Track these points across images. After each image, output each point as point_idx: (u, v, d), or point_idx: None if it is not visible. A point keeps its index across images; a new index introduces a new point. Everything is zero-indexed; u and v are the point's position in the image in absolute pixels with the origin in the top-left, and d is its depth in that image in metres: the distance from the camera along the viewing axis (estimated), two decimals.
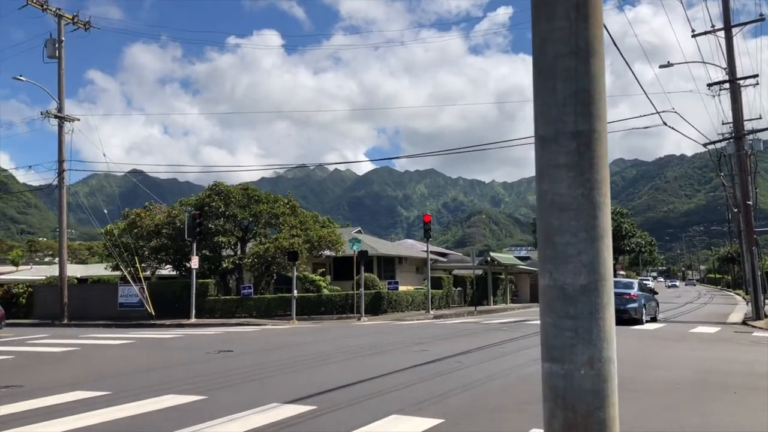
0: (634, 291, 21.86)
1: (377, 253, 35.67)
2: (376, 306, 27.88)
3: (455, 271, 44.01)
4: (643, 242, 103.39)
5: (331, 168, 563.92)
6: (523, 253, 73.40)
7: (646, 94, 17.28)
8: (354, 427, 6.48)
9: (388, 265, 37.95)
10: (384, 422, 6.70)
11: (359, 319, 24.92)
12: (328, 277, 32.78)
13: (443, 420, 6.71)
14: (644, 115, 20.89)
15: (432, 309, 29.47)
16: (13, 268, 62.80)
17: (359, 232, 43.94)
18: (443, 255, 53.28)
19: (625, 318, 20.21)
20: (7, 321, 22.15)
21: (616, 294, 16.17)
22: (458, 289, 38.04)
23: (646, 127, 22.33)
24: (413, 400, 7.85)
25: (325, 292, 29.72)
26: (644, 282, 34.72)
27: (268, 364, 11.89)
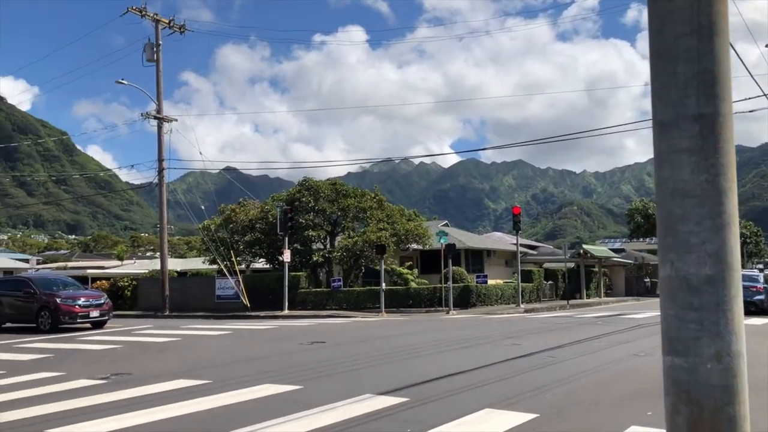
0: (761, 284, 21.22)
1: (465, 246, 35.41)
2: (465, 299, 27.68)
3: (546, 264, 43.09)
4: (748, 233, 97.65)
5: (417, 161, 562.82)
6: (617, 246, 70.86)
7: (751, 75, 16.27)
8: (447, 419, 6.46)
9: (476, 258, 37.60)
10: (477, 416, 6.64)
11: (448, 313, 24.83)
12: (416, 271, 32.83)
13: (537, 415, 6.58)
14: (748, 98, 19.68)
15: (522, 303, 28.97)
16: (118, 263, 66.59)
17: (446, 225, 43.76)
18: (533, 248, 52.30)
19: (752, 310, 19.72)
20: (114, 312, 23.44)
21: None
22: (549, 282, 37.23)
23: (750, 111, 21.04)
24: (505, 395, 7.74)
25: (413, 285, 29.79)
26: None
27: (359, 356, 12.04)
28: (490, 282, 30.09)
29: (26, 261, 62.34)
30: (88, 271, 50.90)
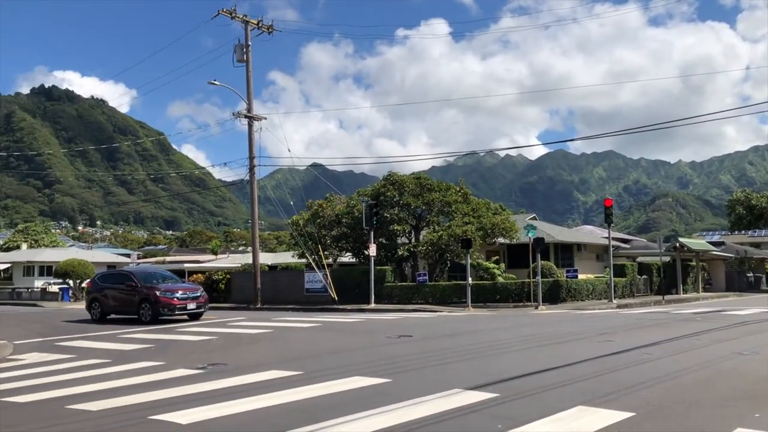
0: None
1: (554, 240, 34.63)
2: (554, 294, 27.09)
3: (639, 258, 41.53)
4: None
5: (502, 154, 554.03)
6: (716, 238, 67.29)
7: None
8: (538, 416, 6.35)
9: (565, 253, 36.70)
10: (569, 413, 6.49)
11: (536, 308, 24.37)
12: (503, 265, 32.41)
13: (633, 413, 6.36)
14: None
15: (615, 298, 28.04)
16: (213, 257, 69.23)
17: (534, 218, 42.93)
18: (625, 241, 50.47)
19: None
20: (209, 305, 24.36)
21: None
22: (643, 277, 35.88)
23: None
24: (599, 392, 7.52)
25: (500, 279, 29.41)
26: None
27: (447, 350, 12.00)
28: (581, 277, 29.31)
29: (128, 256, 65.76)
30: (185, 265, 53.21)
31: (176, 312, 21.49)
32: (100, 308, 23.03)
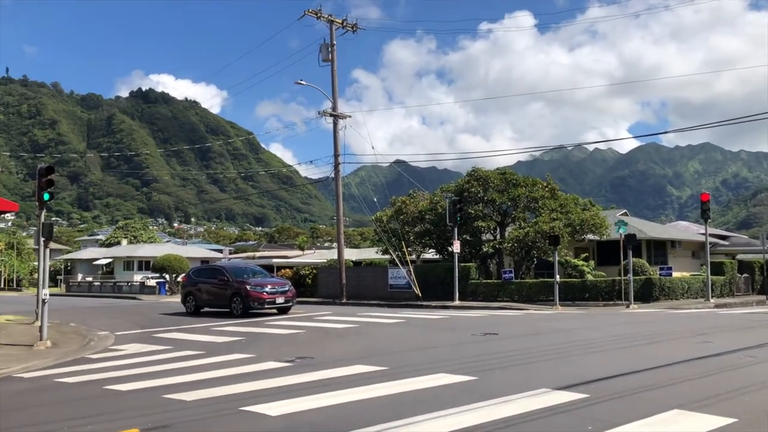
0: None
1: (646, 237, 33.32)
2: (647, 293, 26.06)
3: (739, 256, 39.35)
4: None
5: (591, 148, 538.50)
6: None
7: None
8: (631, 419, 6.12)
9: (658, 250, 35.24)
10: (664, 417, 6.22)
11: (628, 307, 23.52)
12: (592, 262, 31.46)
13: (735, 419, 6.02)
14: None
15: (712, 297, 26.68)
16: (300, 252, 70.87)
17: (625, 214, 41.41)
18: (723, 237, 47.96)
19: None
20: (297, 299, 24.89)
21: None
22: (744, 275, 33.95)
23: None
24: (697, 396, 7.17)
25: (589, 277, 28.57)
26: None
27: (533, 349, 11.77)
28: (675, 275, 28.08)
29: (220, 251, 68.28)
30: (273, 260, 54.71)
31: (266, 306, 22.06)
32: (194, 302, 24.00)
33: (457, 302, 26.69)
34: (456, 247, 27.70)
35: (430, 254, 35.72)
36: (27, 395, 8.94)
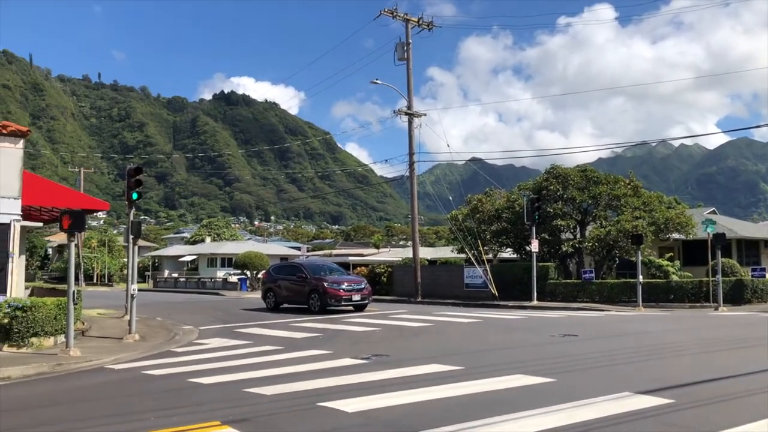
0: None
1: (736, 236, 31.72)
2: (737, 295, 24.79)
3: None
4: None
5: (676, 143, 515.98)
6: None
7: None
8: (720, 427, 5.83)
9: (750, 250, 33.47)
10: (758, 425, 5.90)
11: (716, 309, 22.44)
12: (677, 262, 30.21)
13: None
14: None
15: None
16: (375, 250, 71.35)
17: (713, 212, 39.60)
18: None
19: None
20: (372, 297, 25.04)
21: None
22: None
23: None
24: None
25: (674, 278, 27.45)
26: None
27: (615, 351, 11.41)
28: None
29: (298, 249, 69.54)
30: (349, 258, 55.33)
31: (342, 303, 22.34)
32: (273, 298, 24.58)
33: (535, 302, 26.21)
34: (534, 246, 27.20)
35: (507, 253, 35.20)
36: (116, 386, 9.39)
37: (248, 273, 50.84)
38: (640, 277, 24.23)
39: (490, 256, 33.53)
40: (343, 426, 6.30)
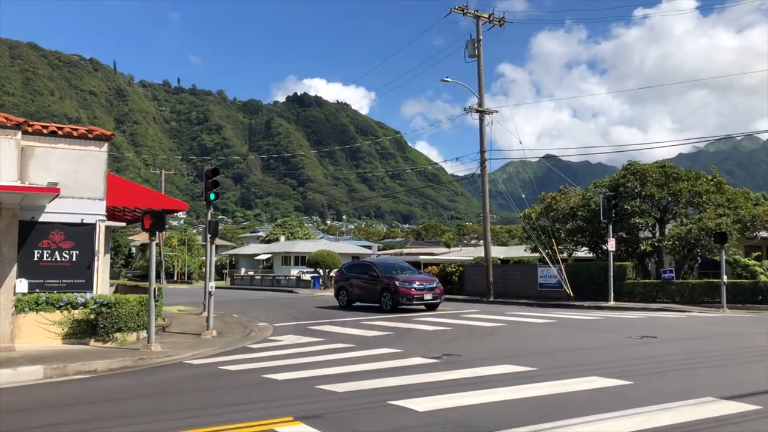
0: None
1: None
2: None
3: None
4: None
5: (764, 137, 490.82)
6: None
7: None
8: None
9: None
10: None
11: None
12: (765, 262, 28.71)
13: None
14: None
15: None
16: (446, 250, 71.05)
17: None
18: None
19: None
20: (443, 296, 24.91)
21: None
22: None
23: None
24: None
25: (762, 278, 26.11)
26: None
27: (696, 354, 10.95)
28: None
29: (369, 247, 70.11)
30: (420, 257, 55.28)
31: (414, 302, 22.34)
32: (346, 296, 24.87)
33: (611, 303, 25.48)
34: (611, 244, 26.44)
35: (583, 252, 34.34)
36: (195, 380, 9.71)
37: (321, 271, 51.57)
38: (725, 277, 23.18)
39: (565, 255, 32.80)
40: (413, 425, 6.30)
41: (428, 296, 22.56)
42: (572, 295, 27.61)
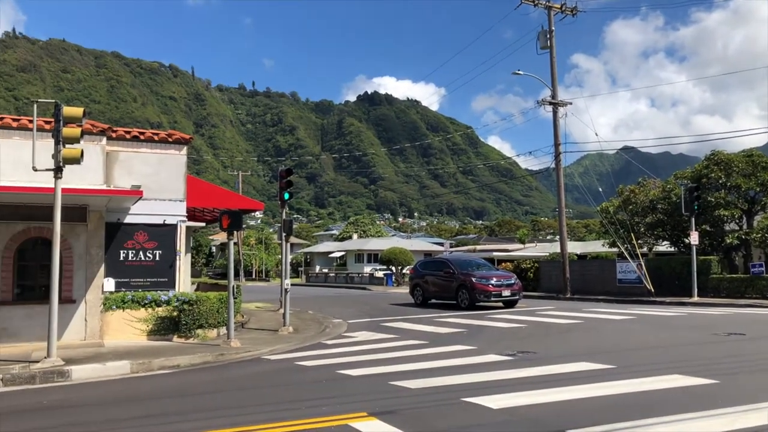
0: None
1: None
2: None
3: None
4: None
5: None
6: None
7: None
8: None
9: None
10: None
11: None
12: None
13: None
14: None
15: None
16: (520, 246, 70.02)
17: None
18: None
19: None
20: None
21: None
22: None
23: None
24: None
25: None
26: None
27: None
28: None
29: (441, 244, 69.83)
30: (494, 253, 54.69)
31: (492, 298, 21.88)
32: (422, 293, 24.74)
33: (695, 298, 24.47)
34: (694, 238, 25.39)
35: (663, 247, 33.12)
36: (272, 375, 9.95)
37: (393, 268, 51.80)
38: None
39: (645, 249, 31.73)
40: (487, 422, 6.25)
41: (506, 293, 22.14)
42: (653, 290, 26.69)
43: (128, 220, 14.35)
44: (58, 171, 10.69)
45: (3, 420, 7.26)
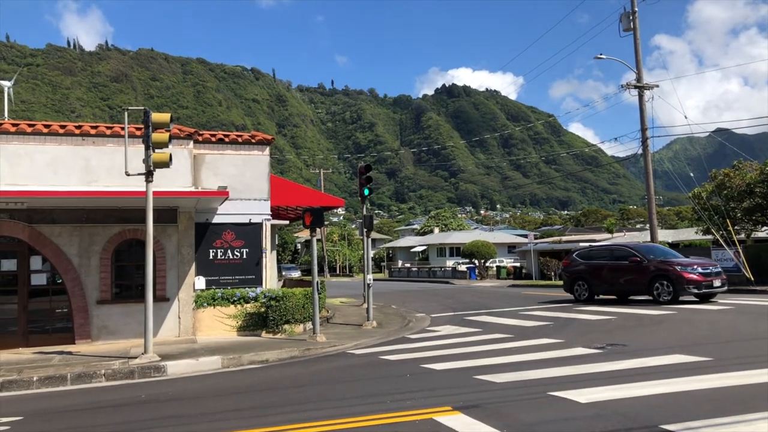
0: None
1: None
2: None
3: None
4: None
5: None
6: None
7: None
8: None
9: None
10: None
11: None
12: None
13: None
14: None
15: None
16: (608, 235, 67.79)
17: None
18: None
19: None
20: None
21: None
22: None
23: None
24: None
25: None
26: None
27: None
28: None
29: (525, 236, 68.66)
30: (580, 244, 53.14)
31: (703, 290, 18.32)
32: (587, 288, 20.90)
33: None
34: None
35: (763, 232, 31.29)
36: (357, 369, 10.07)
37: (476, 261, 51.36)
38: None
39: (743, 236, 30.10)
40: (576, 416, 6.10)
41: (717, 282, 18.53)
42: (752, 279, 25.30)
43: (216, 220, 14.88)
44: (149, 175, 11.20)
45: (107, 413, 7.70)
